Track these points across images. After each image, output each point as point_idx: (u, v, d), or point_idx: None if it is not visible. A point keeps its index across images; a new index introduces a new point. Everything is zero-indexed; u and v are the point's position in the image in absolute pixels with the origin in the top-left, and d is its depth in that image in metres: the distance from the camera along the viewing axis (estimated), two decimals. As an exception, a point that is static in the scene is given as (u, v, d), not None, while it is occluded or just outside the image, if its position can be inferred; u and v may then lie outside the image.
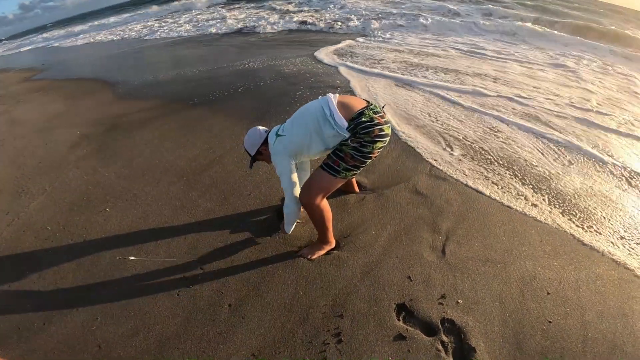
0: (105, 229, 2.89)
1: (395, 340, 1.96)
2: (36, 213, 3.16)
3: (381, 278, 2.32)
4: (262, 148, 2.44)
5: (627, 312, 2.11)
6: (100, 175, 3.65)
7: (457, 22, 10.79)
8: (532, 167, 3.42)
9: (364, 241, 2.62)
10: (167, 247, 2.68)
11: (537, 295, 2.19)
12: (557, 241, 2.58)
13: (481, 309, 2.11)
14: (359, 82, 5.79)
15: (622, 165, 3.48)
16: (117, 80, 7.39)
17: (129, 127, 4.72)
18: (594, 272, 2.35)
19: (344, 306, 2.16)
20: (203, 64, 8.18)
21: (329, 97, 2.21)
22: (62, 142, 4.46)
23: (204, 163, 3.70)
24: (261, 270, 2.44)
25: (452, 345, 1.94)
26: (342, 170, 2.19)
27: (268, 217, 2.91)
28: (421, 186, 3.15)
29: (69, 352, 2.02)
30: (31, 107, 5.94)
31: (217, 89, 5.99)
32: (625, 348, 1.92)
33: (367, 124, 2.08)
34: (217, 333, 2.06)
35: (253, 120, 4.54)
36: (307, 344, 1.97)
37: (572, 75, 6.26)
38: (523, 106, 4.81)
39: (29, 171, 3.84)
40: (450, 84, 5.62)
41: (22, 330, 2.15)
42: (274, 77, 6.30)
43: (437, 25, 10.70)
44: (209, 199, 3.17)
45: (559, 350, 1.90)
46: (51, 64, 10.93)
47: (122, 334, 2.09)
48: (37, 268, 2.58)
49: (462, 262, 2.41)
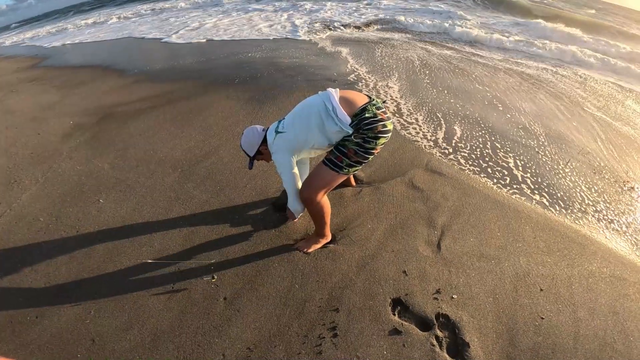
0: (98, 221, 2.87)
1: (390, 334, 1.97)
2: (28, 204, 3.12)
3: (377, 272, 2.33)
4: (262, 147, 2.39)
5: (619, 310, 2.14)
6: (93, 165, 3.61)
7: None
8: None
9: (360, 235, 2.62)
10: (162, 239, 2.66)
11: (530, 292, 2.21)
12: (550, 238, 2.60)
13: (475, 304, 2.13)
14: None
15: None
16: (114, 69, 7.28)
17: (123, 117, 4.66)
18: (586, 270, 2.38)
19: (339, 300, 2.17)
20: (201, 55, 8.08)
21: (330, 93, 2.17)
22: (55, 132, 4.40)
23: (199, 154, 3.67)
24: (257, 264, 2.44)
25: (447, 340, 1.96)
26: (345, 166, 2.18)
27: (264, 209, 2.90)
28: (417, 180, 3.15)
29: (62, 345, 2.01)
30: (24, 97, 5.83)
31: (214, 79, 5.93)
32: (616, 346, 1.95)
33: (370, 120, 2.07)
34: (212, 326, 2.06)
35: (250, 111, 4.50)
36: (303, 337, 1.98)
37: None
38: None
39: (21, 161, 3.78)
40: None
41: (15, 324, 2.13)
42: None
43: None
44: (204, 190, 3.14)
45: (551, 346, 1.93)
46: (45, 55, 10.73)
47: (116, 328, 2.08)
48: (30, 261, 2.55)
49: (457, 257, 2.43)
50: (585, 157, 3.69)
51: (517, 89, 5.44)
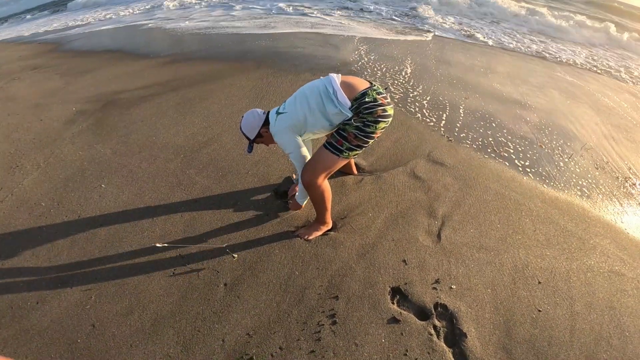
0: (100, 206, 2.88)
1: (388, 323, 1.99)
2: (30, 189, 3.12)
3: (377, 261, 2.35)
4: (263, 130, 2.39)
5: (616, 305, 2.15)
6: (96, 151, 3.61)
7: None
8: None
9: (360, 223, 2.63)
10: (164, 224, 2.67)
11: (528, 284, 2.22)
12: (550, 231, 2.60)
13: (474, 295, 2.14)
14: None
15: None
16: (119, 56, 7.23)
17: (126, 104, 4.63)
18: (585, 264, 2.39)
19: (339, 288, 2.19)
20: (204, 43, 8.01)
21: (332, 77, 2.19)
22: (57, 118, 4.38)
23: (202, 140, 3.66)
24: (257, 250, 2.45)
25: (444, 330, 1.98)
26: (345, 150, 2.19)
27: (266, 196, 2.90)
28: (419, 170, 3.15)
29: (62, 331, 2.02)
30: (27, 84, 5.79)
31: (217, 67, 5.89)
32: (612, 341, 1.96)
33: (370, 104, 2.08)
34: (212, 312, 2.08)
35: (253, 98, 4.48)
36: (302, 324, 2.00)
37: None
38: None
39: (23, 147, 3.78)
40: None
41: (15, 309, 2.14)
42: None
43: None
44: (206, 176, 3.15)
45: (547, 339, 1.95)
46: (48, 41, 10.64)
47: (117, 313, 2.10)
48: (31, 245, 2.56)
49: (456, 247, 2.44)
50: (588, 153, 3.68)
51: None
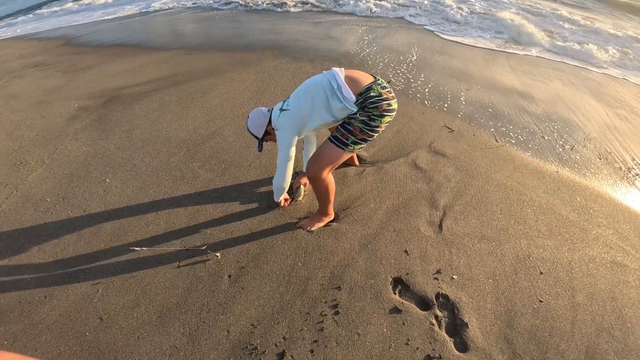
0: (105, 200, 2.91)
1: (390, 313, 2.02)
2: (35, 185, 3.16)
3: (379, 251, 2.37)
4: (269, 127, 2.41)
5: (617, 296, 2.15)
6: (99, 146, 3.63)
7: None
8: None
9: (362, 214, 2.64)
10: (168, 217, 2.70)
11: (530, 274, 2.24)
12: (552, 221, 2.60)
13: (475, 285, 2.16)
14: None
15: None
16: (121, 52, 7.21)
17: (128, 99, 4.65)
18: (587, 255, 2.39)
19: (341, 278, 2.21)
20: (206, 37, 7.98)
21: (335, 71, 2.18)
22: (60, 114, 4.40)
23: (204, 134, 3.67)
24: (261, 242, 2.48)
25: (446, 320, 2.00)
26: (350, 144, 2.19)
27: (268, 188, 2.92)
28: (421, 161, 3.15)
29: (70, 324, 2.07)
30: (28, 81, 5.81)
31: (218, 61, 5.88)
32: (613, 331, 1.97)
33: (375, 98, 2.08)
34: (217, 303, 2.11)
35: (255, 92, 4.48)
36: (305, 314, 2.03)
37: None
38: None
39: (27, 143, 3.81)
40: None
41: (24, 304, 2.19)
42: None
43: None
44: (209, 169, 3.17)
45: (548, 329, 1.96)
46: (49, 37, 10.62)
47: (124, 306, 2.14)
48: (37, 241, 2.60)
49: (458, 238, 2.45)
50: (591, 143, 3.66)
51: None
